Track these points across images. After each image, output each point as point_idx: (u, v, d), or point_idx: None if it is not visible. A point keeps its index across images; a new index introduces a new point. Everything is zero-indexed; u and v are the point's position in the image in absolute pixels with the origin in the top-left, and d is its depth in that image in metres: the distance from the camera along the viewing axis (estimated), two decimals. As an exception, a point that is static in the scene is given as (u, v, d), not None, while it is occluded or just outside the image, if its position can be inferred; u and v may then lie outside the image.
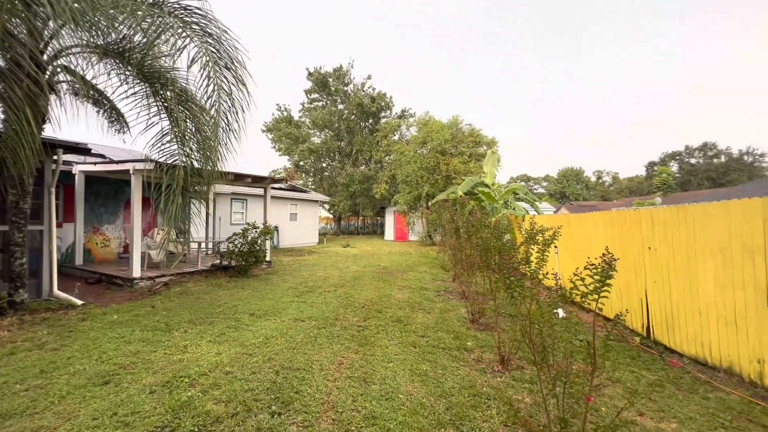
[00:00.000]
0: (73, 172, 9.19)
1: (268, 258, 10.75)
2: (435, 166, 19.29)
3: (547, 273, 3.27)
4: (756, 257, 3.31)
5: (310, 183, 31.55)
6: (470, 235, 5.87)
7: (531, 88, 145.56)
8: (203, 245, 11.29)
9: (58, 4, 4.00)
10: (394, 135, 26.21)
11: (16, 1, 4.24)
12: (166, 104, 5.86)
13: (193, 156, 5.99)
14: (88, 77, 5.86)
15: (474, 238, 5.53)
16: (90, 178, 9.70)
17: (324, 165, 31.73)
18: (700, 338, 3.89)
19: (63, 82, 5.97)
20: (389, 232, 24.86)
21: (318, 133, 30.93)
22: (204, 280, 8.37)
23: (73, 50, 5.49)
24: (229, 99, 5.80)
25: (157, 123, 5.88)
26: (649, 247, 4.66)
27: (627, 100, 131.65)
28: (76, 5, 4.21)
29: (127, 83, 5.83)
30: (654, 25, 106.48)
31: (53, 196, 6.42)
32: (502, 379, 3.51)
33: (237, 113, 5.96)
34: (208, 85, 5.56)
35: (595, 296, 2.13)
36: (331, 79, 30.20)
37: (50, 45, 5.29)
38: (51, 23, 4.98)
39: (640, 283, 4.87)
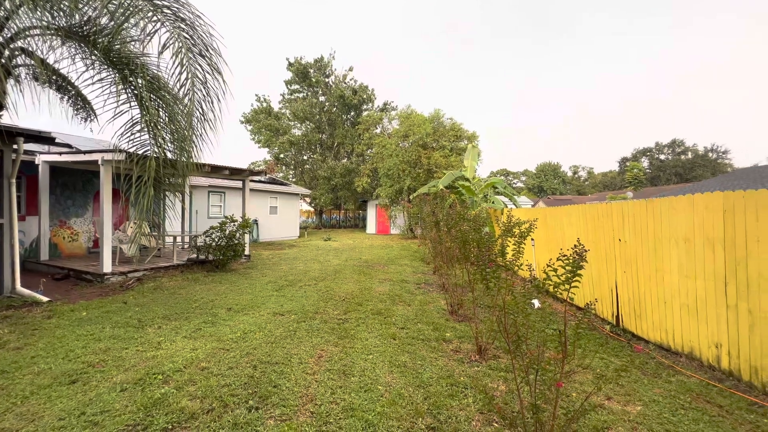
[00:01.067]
0: (36, 163, 8.69)
1: (247, 252, 10.56)
2: (416, 160, 19.35)
3: (522, 264, 3.35)
4: (716, 248, 3.50)
5: (291, 176, 31.06)
6: (450, 228, 5.93)
7: (511, 84, 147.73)
8: (179, 239, 10.97)
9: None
10: (376, 128, 26.07)
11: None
12: (136, 92, 5.59)
13: (165, 147, 5.76)
14: (50, 61, 5.52)
15: (454, 231, 5.59)
16: (56, 169, 9.20)
17: (305, 158, 31.26)
18: (665, 325, 4.10)
19: (22, 66, 5.61)
20: (371, 226, 24.86)
21: (299, 125, 30.39)
22: (180, 275, 8.13)
23: (33, 32, 5.14)
24: (204, 88, 5.61)
25: (127, 111, 5.61)
26: (620, 239, 4.85)
27: (603, 97, 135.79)
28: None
29: (93, 69, 5.52)
30: (633, 24, 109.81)
31: (14, 188, 6.07)
32: (478, 369, 3.59)
33: (213, 102, 5.76)
34: (181, 73, 5.34)
35: (567, 286, 2.20)
36: (312, 70, 29.62)
37: (6, 26, 4.94)
38: (7, 2, 4.64)
39: (610, 273, 5.06)
